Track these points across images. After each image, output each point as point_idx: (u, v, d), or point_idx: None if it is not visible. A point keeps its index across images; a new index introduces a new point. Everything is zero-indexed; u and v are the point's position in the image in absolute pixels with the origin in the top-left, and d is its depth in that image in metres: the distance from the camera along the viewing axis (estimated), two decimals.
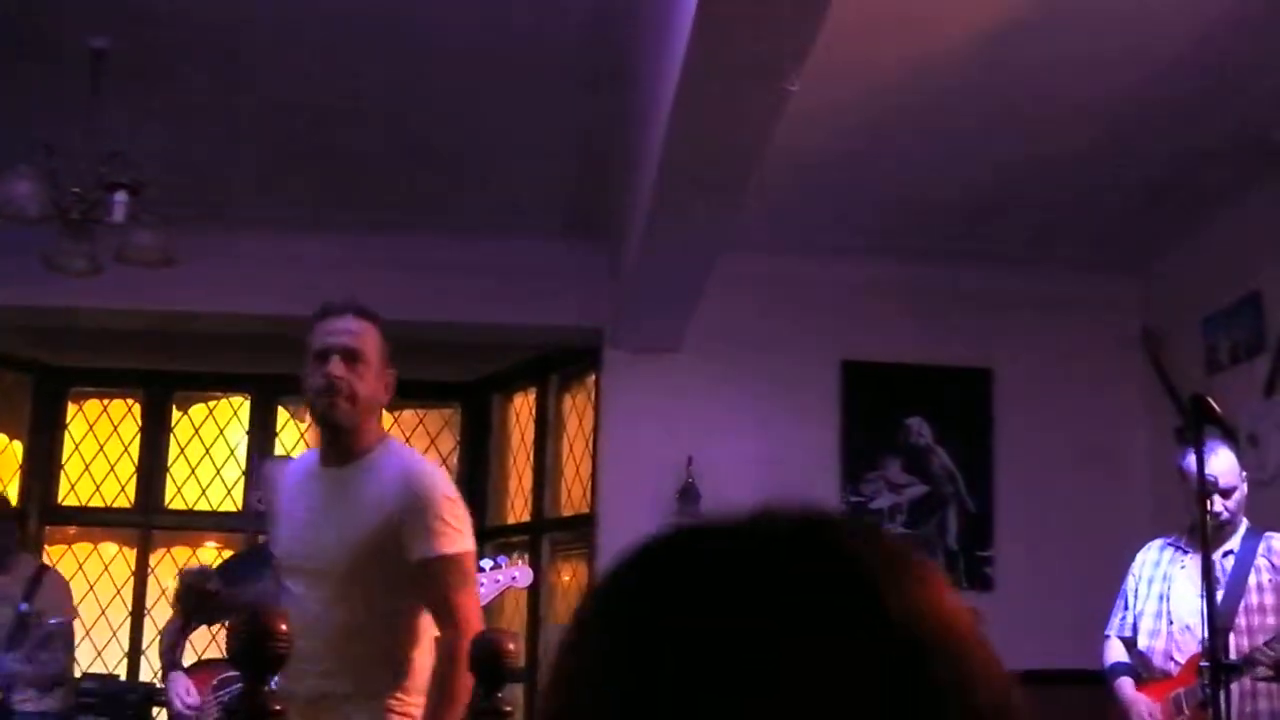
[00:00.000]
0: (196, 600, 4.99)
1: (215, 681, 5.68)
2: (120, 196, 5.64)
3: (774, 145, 5.01)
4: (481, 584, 5.62)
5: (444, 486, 3.93)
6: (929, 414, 7.77)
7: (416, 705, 3.64)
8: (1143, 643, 5.46)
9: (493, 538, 8.84)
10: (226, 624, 3.10)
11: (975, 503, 7.70)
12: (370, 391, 3.87)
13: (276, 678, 4.04)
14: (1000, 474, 7.74)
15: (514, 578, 5.68)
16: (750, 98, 4.54)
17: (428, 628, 3.78)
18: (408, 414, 9.42)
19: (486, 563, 5.75)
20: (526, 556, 7.52)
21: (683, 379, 7.60)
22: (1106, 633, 5.64)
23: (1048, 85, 5.67)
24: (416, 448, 9.23)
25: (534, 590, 7.77)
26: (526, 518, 8.69)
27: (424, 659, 3.72)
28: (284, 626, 1.77)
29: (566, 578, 8.46)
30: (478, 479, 9.17)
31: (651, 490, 7.27)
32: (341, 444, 3.86)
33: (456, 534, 3.77)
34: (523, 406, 9.04)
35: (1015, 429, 7.76)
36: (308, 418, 9.37)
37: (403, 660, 3.71)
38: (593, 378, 8.14)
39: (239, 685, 2.61)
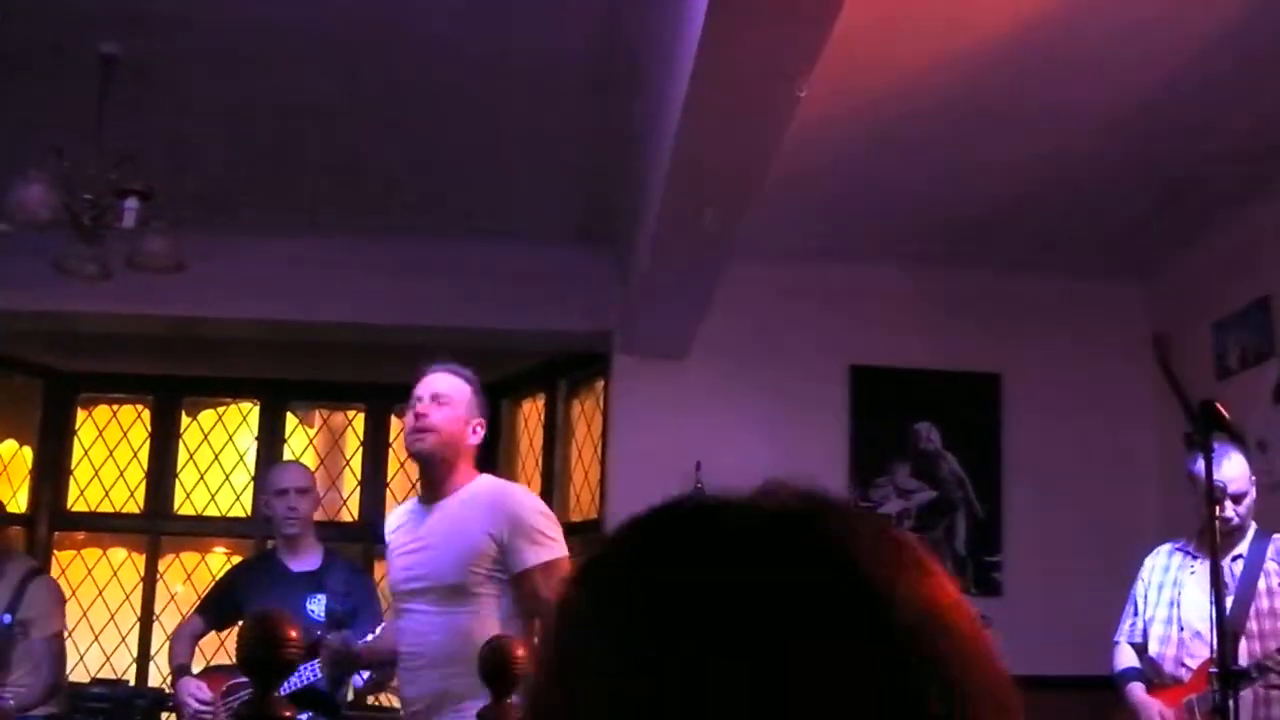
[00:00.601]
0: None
1: (224, 687, 5.69)
2: (131, 202, 5.65)
3: (782, 150, 5.01)
4: None
5: (537, 503, 4.52)
6: (937, 419, 7.77)
7: None
8: (1153, 649, 5.45)
9: None
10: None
11: (984, 508, 7.69)
12: (456, 431, 4.43)
13: (398, 685, 4.56)
14: (1009, 479, 7.72)
15: None
16: (759, 103, 4.54)
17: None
18: None
19: None
20: None
21: (691, 384, 7.60)
22: (1116, 638, 5.64)
23: (1056, 90, 5.66)
24: None
25: None
26: None
27: None
28: (293, 633, 1.77)
29: None
30: None
31: (660, 495, 7.13)
32: (436, 480, 4.45)
33: (554, 543, 4.29)
34: (531, 412, 9.04)
35: (1024, 434, 7.75)
36: (317, 424, 9.40)
37: None
38: (601, 383, 8.15)
39: (248, 691, 2.61)
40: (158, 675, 8.50)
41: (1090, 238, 7.37)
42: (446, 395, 4.47)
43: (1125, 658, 5.57)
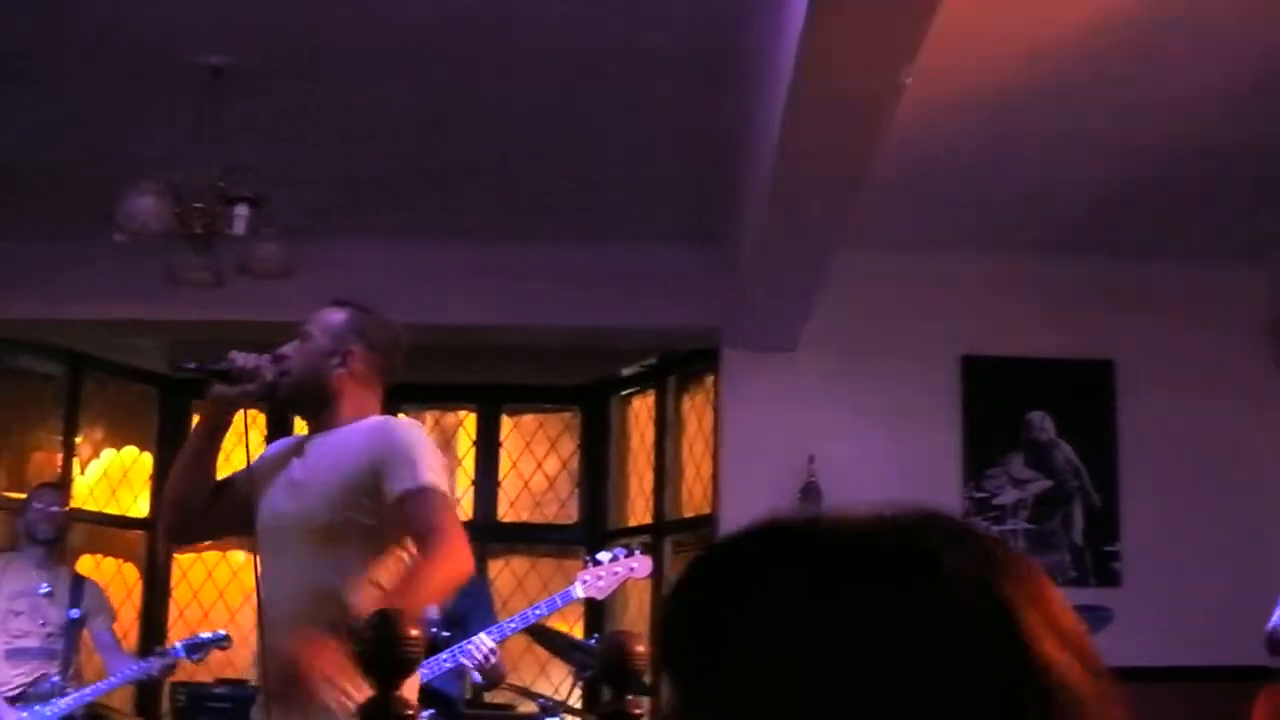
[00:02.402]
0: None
1: None
2: (241, 209, 5.72)
3: (887, 139, 4.97)
4: (600, 577, 5.64)
5: (420, 433, 3.85)
6: (1051, 408, 7.67)
7: None
8: None
9: (615, 539, 8.86)
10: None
11: (1100, 497, 7.58)
12: (307, 357, 3.80)
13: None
14: (1125, 467, 7.61)
15: (632, 569, 5.70)
16: (864, 92, 4.51)
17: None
18: (527, 418, 9.48)
19: (604, 555, 5.78)
20: (642, 549, 7.54)
21: (802, 377, 7.56)
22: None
23: (1168, 73, 5.57)
24: (537, 452, 9.36)
25: (657, 593, 7.79)
26: (648, 520, 8.70)
27: None
28: (414, 631, 1.77)
29: None
30: (598, 482, 9.21)
31: (773, 489, 7.24)
32: (308, 417, 3.90)
33: (437, 471, 3.58)
34: (641, 408, 9.05)
35: (1139, 421, 7.63)
36: (428, 425, 9.45)
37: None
38: (711, 378, 8.13)
39: None
40: None
41: (1205, 222, 7.24)
42: (305, 330, 3.85)
43: None
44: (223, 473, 3.91)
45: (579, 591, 5.62)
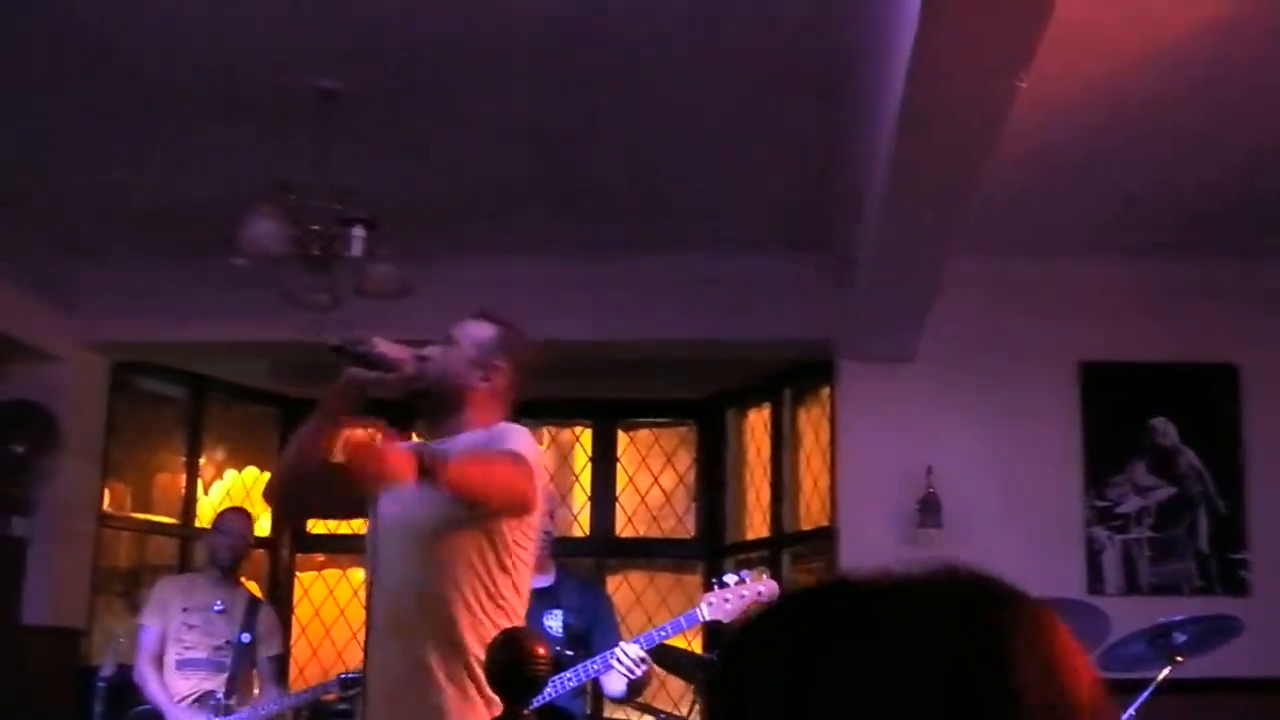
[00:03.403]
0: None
1: None
2: (357, 231, 5.79)
3: (1001, 143, 4.92)
4: (727, 599, 5.61)
5: (528, 436, 3.83)
6: (1173, 414, 7.55)
7: None
8: None
9: (732, 553, 8.86)
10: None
11: (1226, 504, 7.44)
12: (448, 363, 3.86)
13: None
14: (1252, 473, 7.46)
15: (759, 592, 5.64)
16: (978, 97, 4.46)
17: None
18: (643, 433, 9.49)
19: (730, 577, 5.74)
20: (768, 571, 7.50)
21: (918, 387, 7.50)
22: None
23: None
24: (653, 466, 9.36)
25: None
26: (765, 533, 8.67)
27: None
28: (542, 650, 1.77)
29: None
30: (715, 496, 9.19)
31: (891, 501, 7.20)
32: (432, 421, 3.92)
33: (533, 455, 3.67)
34: (757, 422, 9.03)
35: (1266, 426, 7.48)
36: (545, 441, 9.48)
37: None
38: (827, 390, 8.09)
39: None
40: None
41: None
42: (452, 336, 3.93)
43: None
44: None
45: (704, 614, 5.59)
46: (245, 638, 6.77)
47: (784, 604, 0.96)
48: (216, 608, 6.74)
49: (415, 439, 4.19)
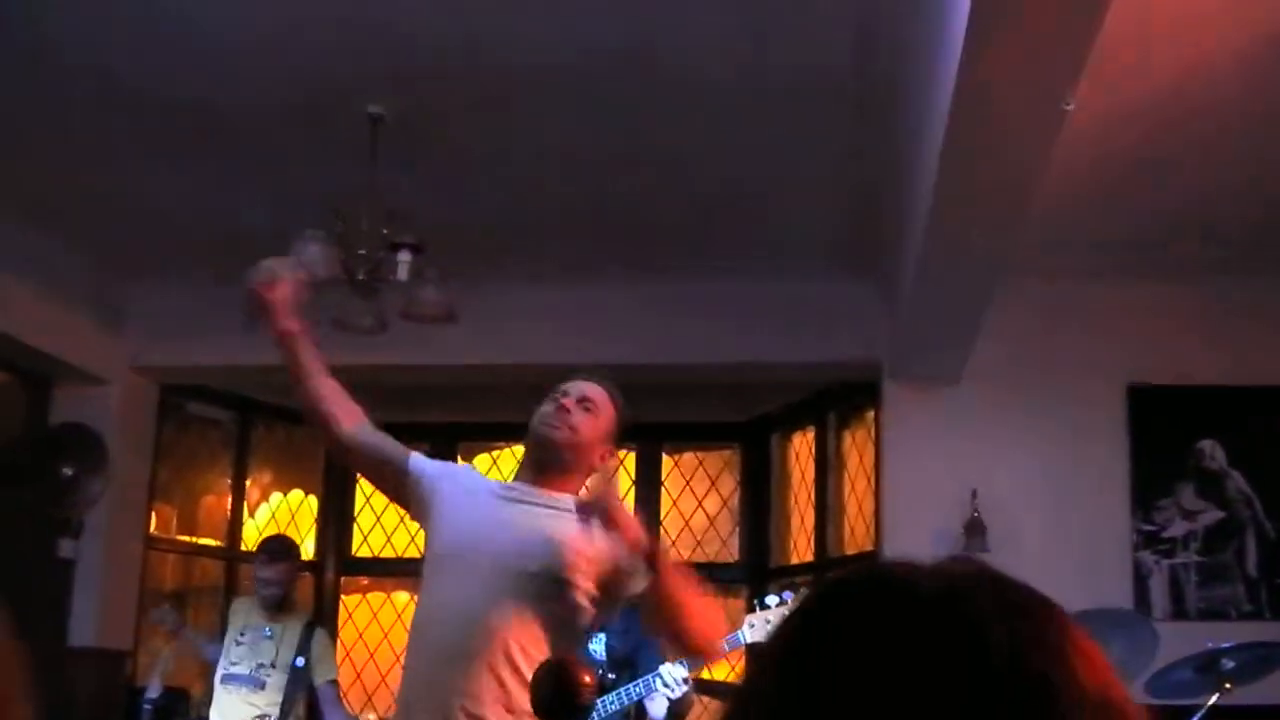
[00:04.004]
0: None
1: None
2: (404, 255, 5.81)
3: (1048, 165, 4.90)
4: (769, 621, 5.60)
5: None
6: (1222, 437, 7.49)
7: None
8: None
9: (776, 577, 8.83)
10: None
11: (1275, 528, 7.38)
12: (590, 439, 3.87)
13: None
14: None
15: None
16: (1025, 119, 4.45)
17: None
18: (688, 456, 9.48)
19: (773, 599, 5.73)
20: None
21: (964, 410, 7.47)
22: None
23: None
24: (698, 490, 9.34)
25: None
26: (809, 557, 8.65)
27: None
28: (588, 678, 1.77)
29: None
30: (759, 520, 9.17)
31: (936, 524, 7.16)
32: (544, 475, 3.84)
33: None
34: (802, 445, 9.01)
35: None
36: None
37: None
38: (872, 413, 8.07)
39: None
40: None
41: None
42: (595, 404, 3.90)
43: None
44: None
45: (746, 635, 5.58)
46: (299, 662, 6.78)
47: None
48: (266, 633, 6.79)
49: (463, 462, 4.22)
